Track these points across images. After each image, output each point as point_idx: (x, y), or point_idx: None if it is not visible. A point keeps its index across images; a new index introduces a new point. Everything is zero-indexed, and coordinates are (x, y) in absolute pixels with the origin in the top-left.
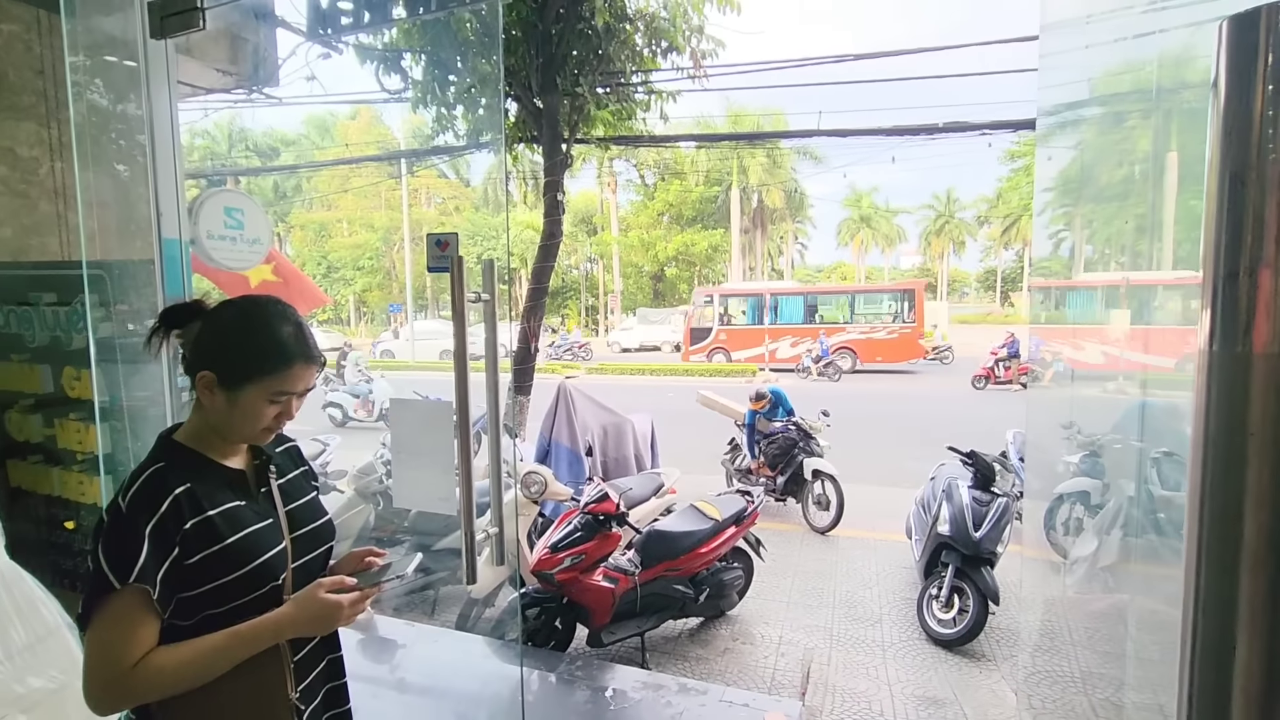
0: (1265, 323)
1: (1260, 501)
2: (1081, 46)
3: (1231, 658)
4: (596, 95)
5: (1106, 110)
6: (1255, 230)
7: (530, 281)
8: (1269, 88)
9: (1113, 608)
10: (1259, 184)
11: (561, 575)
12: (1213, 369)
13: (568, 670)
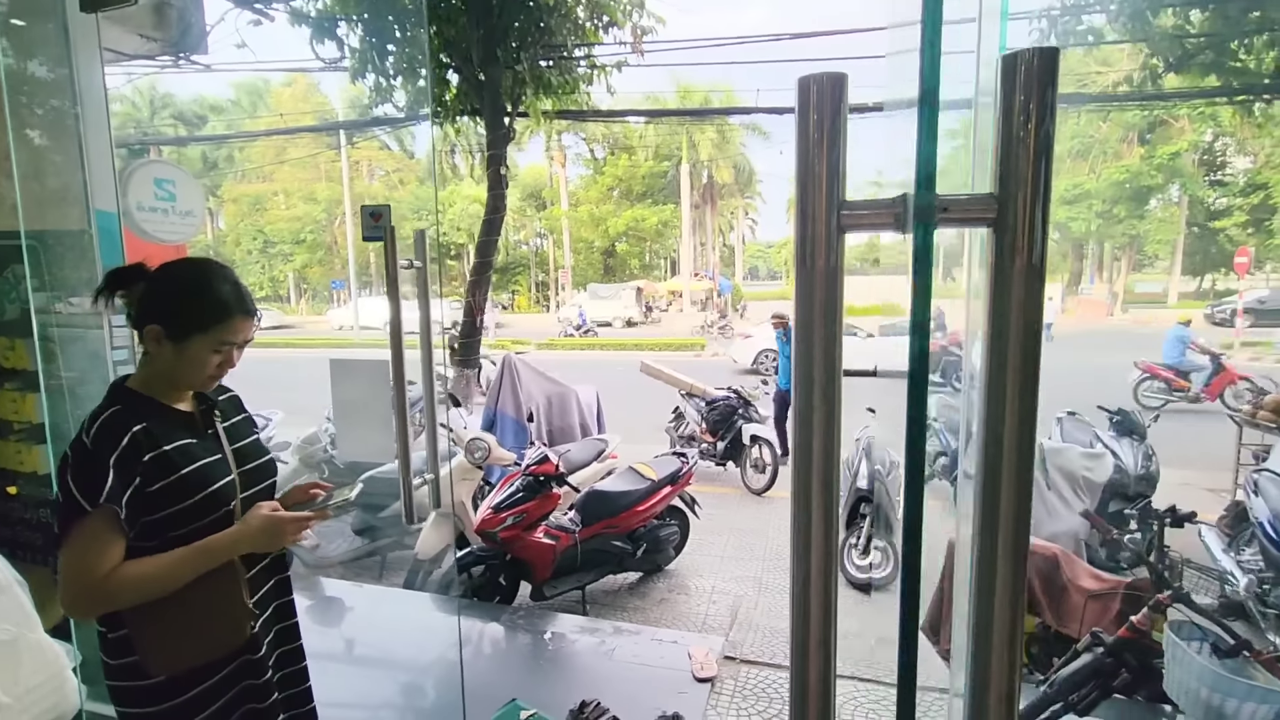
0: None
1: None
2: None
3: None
4: (538, 68)
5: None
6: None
7: (475, 256)
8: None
9: None
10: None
11: (504, 533)
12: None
13: (510, 620)
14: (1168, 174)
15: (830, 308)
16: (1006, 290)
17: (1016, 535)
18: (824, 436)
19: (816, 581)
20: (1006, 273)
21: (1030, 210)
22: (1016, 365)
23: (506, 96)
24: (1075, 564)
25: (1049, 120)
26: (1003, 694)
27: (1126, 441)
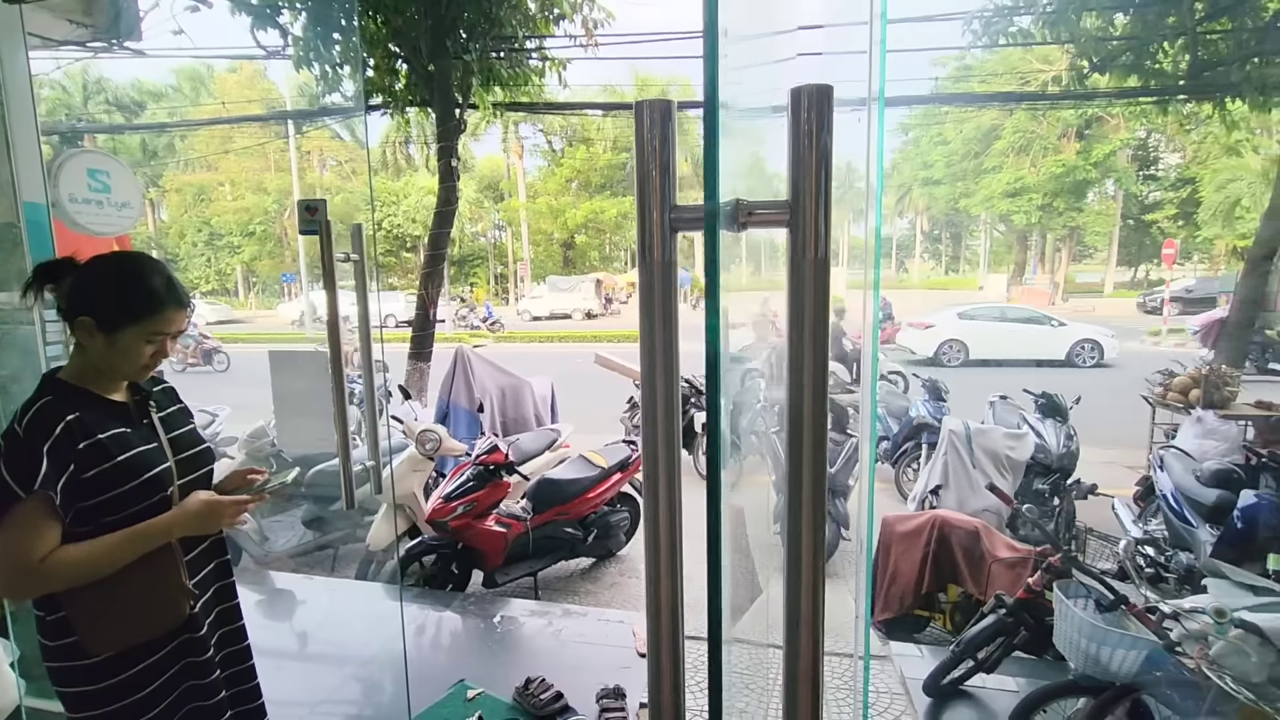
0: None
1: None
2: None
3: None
4: (488, 60)
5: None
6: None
7: (427, 248)
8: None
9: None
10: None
11: (455, 522)
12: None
13: (462, 607)
14: (1103, 169)
15: (666, 297)
16: (800, 280)
17: (815, 491)
18: (666, 424)
19: (665, 558)
20: (800, 265)
21: (816, 213)
22: (810, 342)
23: (457, 88)
24: (994, 536)
25: (826, 139)
26: (811, 633)
27: (1050, 423)
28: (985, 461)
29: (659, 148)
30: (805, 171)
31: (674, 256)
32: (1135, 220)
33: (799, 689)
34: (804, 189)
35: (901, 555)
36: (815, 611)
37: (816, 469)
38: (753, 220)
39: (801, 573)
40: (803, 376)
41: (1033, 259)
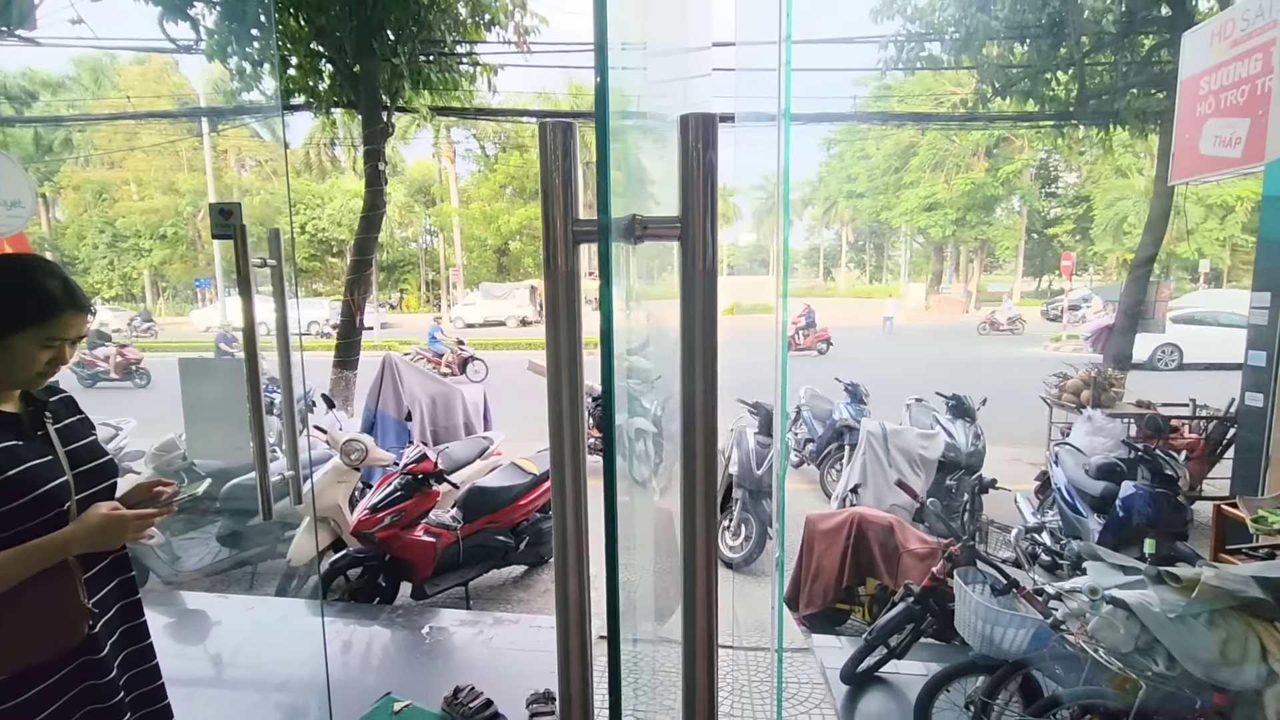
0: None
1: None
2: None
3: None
4: (417, 63)
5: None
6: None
7: (353, 253)
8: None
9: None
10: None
11: (382, 533)
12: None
13: (389, 620)
14: (1009, 187)
15: (570, 304)
16: (691, 289)
17: (707, 491)
18: (571, 425)
19: (572, 557)
20: (691, 276)
21: (704, 227)
22: (701, 348)
23: (384, 90)
24: (907, 530)
25: (712, 159)
26: (705, 633)
27: (960, 423)
28: (900, 460)
29: (561, 164)
30: (694, 189)
31: (577, 267)
32: (1039, 234)
33: (696, 682)
34: (693, 205)
35: (824, 552)
36: (709, 609)
37: (708, 469)
38: (647, 234)
39: (696, 573)
40: (694, 381)
41: (948, 269)
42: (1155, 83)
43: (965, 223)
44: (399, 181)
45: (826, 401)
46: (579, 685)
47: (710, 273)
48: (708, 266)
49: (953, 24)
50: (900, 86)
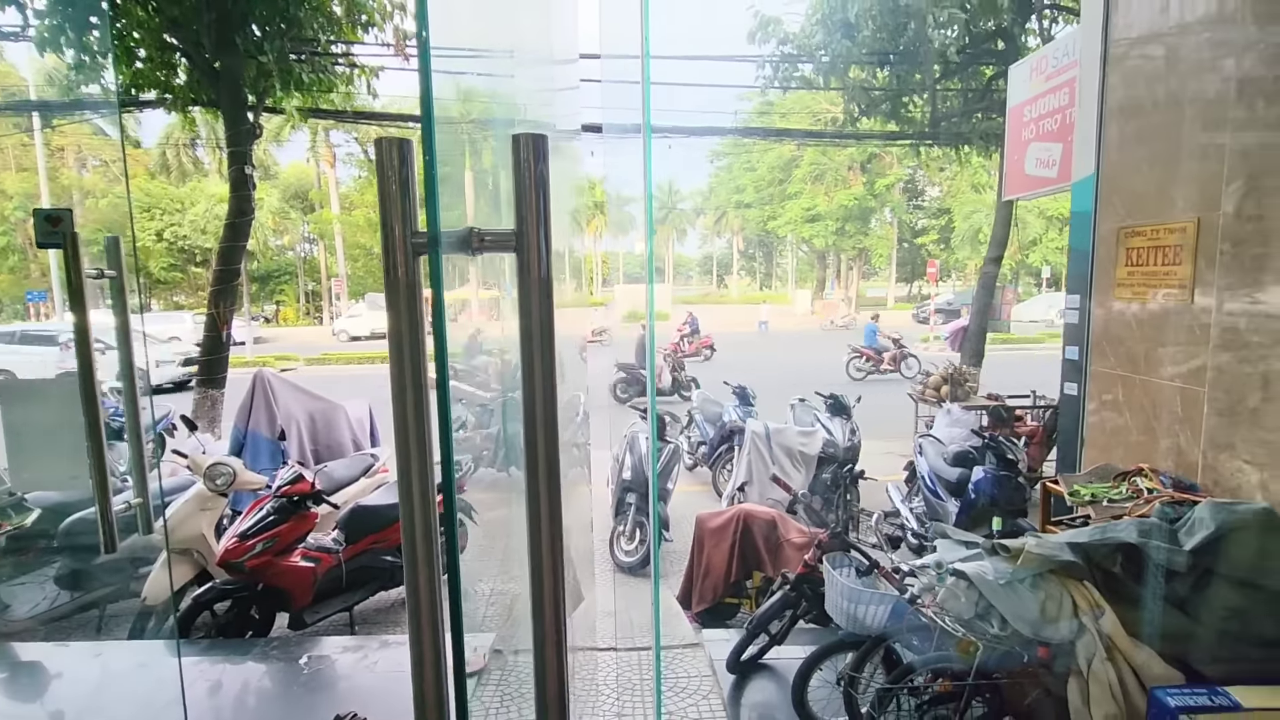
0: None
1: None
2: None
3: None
4: (287, 62)
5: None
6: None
7: (217, 263)
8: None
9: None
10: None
11: (253, 562)
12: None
13: (263, 653)
14: (882, 200)
15: (412, 315)
16: (529, 298)
17: (551, 497)
18: (418, 438)
19: (423, 577)
20: (527, 285)
21: (538, 239)
22: (539, 354)
23: (249, 89)
24: (788, 523)
25: (543, 174)
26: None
27: (838, 420)
28: (782, 457)
29: (398, 177)
30: (527, 203)
31: (418, 278)
32: (909, 243)
33: (547, 685)
34: (527, 218)
35: (713, 550)
36: (557, 611)
37: (551, 475)
38: (484, 246)
39: (543, 577)
40: (534, 388)
41: (830, 276)
42: (996, 108)
43: (845, 233)
44: (272, 186)
45: (717, 404)
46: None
47: (545, 281)
48: (542, 275)
49: (821, 48)
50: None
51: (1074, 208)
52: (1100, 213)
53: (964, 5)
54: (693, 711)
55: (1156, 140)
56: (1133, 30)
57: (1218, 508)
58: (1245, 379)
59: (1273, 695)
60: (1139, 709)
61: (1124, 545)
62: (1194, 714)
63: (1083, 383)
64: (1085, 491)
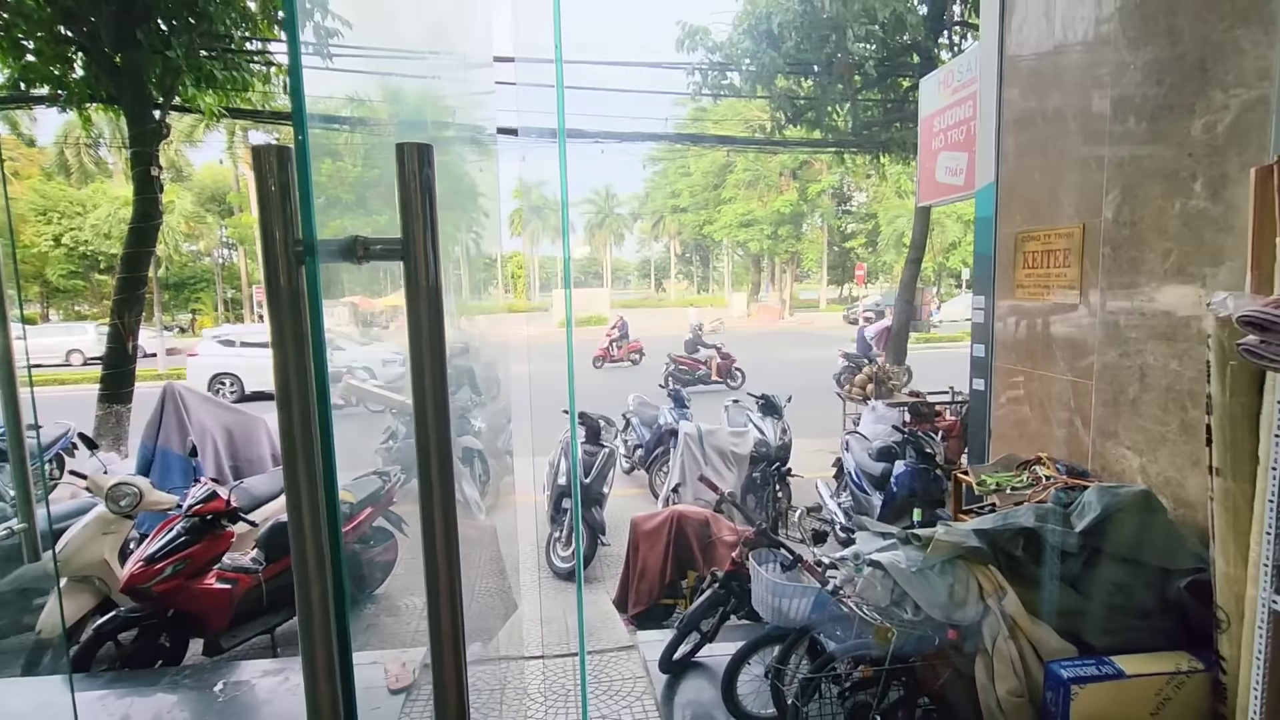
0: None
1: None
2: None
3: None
4: (197, 58)
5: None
6: None
7: (122, 270)
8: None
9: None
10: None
11: (161, 586)
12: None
13: (173, 683)
14: (813, 205)
15: (297, 325)
16: (417, 306)
17: (444, 503)
18: (305, 449)
19: (316, 591)
20: (415, 294)
21: (425, 247)
22: (429, 359)
23: (155, 86)
24: (720, 522)
25: (429, 183)
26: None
27: (769, 420)
28: (715, 458)
29: (278, 184)
30: (413, 213)
31: (302, 286)
32: (838, 247)
33: (446, 695)
34: (414, 227)
35: (648, 552)
36: (455, 618)
37: (444, 481)
38: (370, 254)
39: (439, 588)
40: (425, 397)
41: (765, 279)
42: (912, 118)
43: (778, 237)
44: (185, 189)
45: (653, 407)
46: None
47: (434, 289)
48: (431, 284)
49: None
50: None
51: (978, 213)
52: (1000, 218)
53: (880, 21)
54: (626, 714)
55: (1047, 151)
56: (1024, 49)
57: (1103, 491)
58: (1126, 372)
59: (1151, 661)
60: (1038, 682)
61: (1024, 530)
62: (1083, 683)
63: (989, 378)
64: (991, 481)
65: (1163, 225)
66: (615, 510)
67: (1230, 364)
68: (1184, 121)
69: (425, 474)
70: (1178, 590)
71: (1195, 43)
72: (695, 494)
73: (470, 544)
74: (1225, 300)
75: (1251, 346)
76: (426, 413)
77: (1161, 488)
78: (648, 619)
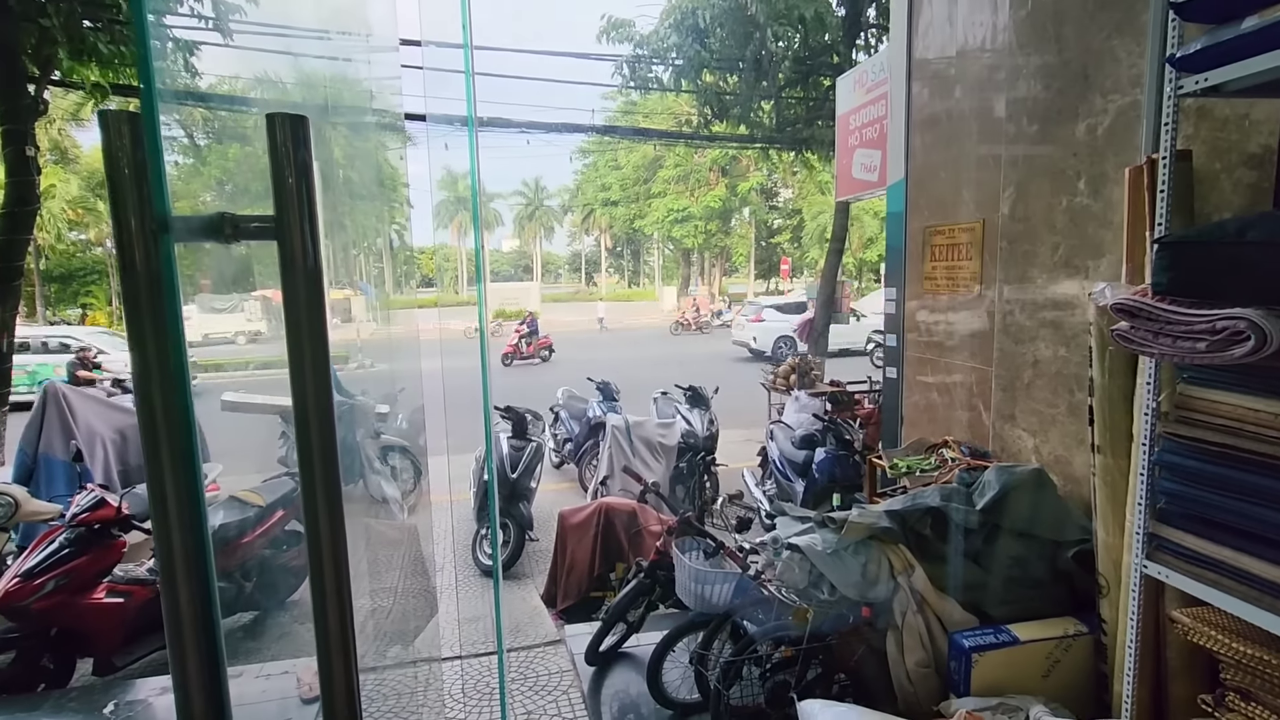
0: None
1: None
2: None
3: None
4: (79, 29)
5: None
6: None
7: None
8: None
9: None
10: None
11: (42, 604)
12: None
13: (56, 707)
14: (742, 201)
15: (155, 309)
16: (295, 289)
17: (330, 500)
18: (170, 446)
19: (184, 595)
20: (292, 276)
21: (302, 227)
22: (310, 354)
23: (31, 58)
24: (647, 513)
25: (304, 159)
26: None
27: (697, 411)
28: (643, 449)
29: (131, 156)
30: (287, 190)
31: (159, 267)
32: (766, 242)
33: (335, 702)
34: (288, 205)
35: (576, 545)
36: (343, 619)
37: (329, 476)
38: (240, 233)
39: (325, 592)
40: (305, 385)
41: (695, 274)
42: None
43: (708, 232)
44: (71, 173)
45: (581, 401)
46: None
47: (314, 273)
48: (309, 267)
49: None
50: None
51: (889, 209)
52: (910, 213)
53: (800, 21)
54: (552, 708)
55: (950, 149)
56: (929, 52)
57: (1001, 470)
58: (1020, 358)
59: (1042, 628)
60: (943, 651)
61: (931, 509)
62: (983, 651)
63: (900, 367)
64: (902, 464)
65: (1052, 220)
66: (544, 505)
67: (1109, 349)
68: (1069, 124)
69: (308, 474)
70: (1066, 560)
71: (1079, 50)
72: (623, 486)
73: (391, 545)
74: (1104, 290)
75: (1123, 332)
76: (308, 408)
77: (1052, 466)
78: (577, 613)
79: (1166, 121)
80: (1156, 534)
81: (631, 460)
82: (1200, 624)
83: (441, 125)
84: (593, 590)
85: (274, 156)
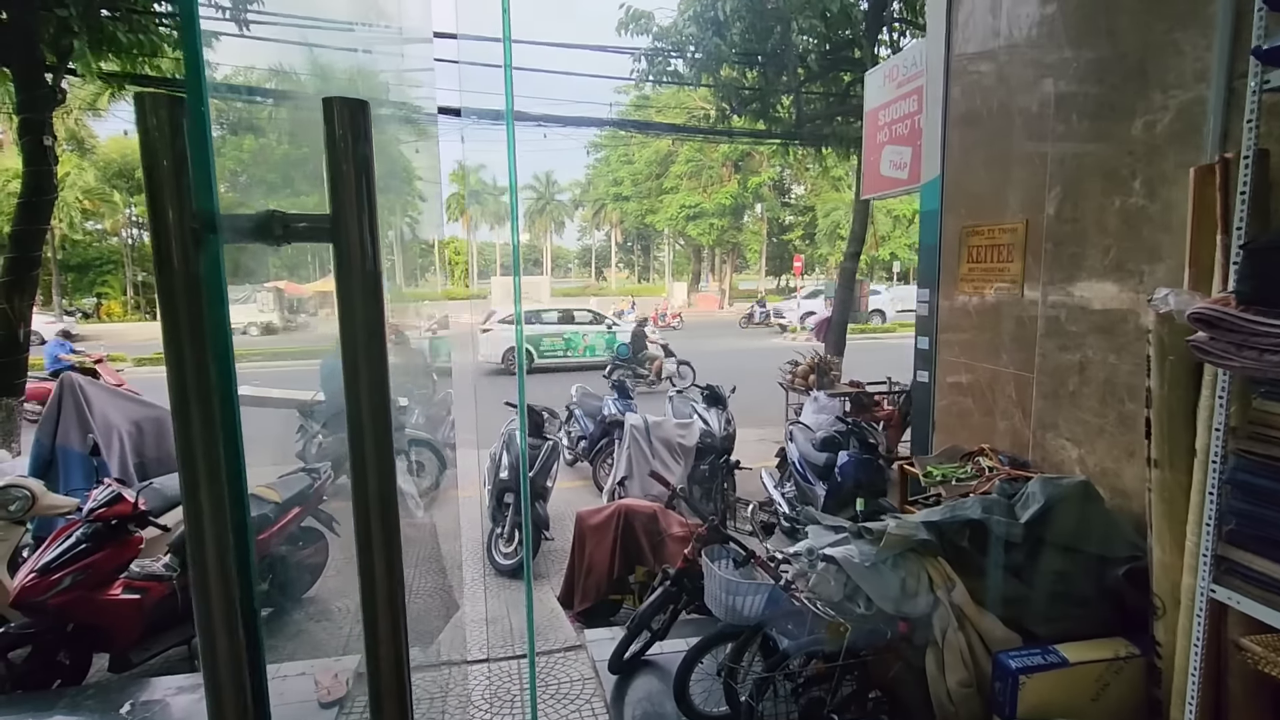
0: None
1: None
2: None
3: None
4: (97, 18)
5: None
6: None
7: (10, 250)
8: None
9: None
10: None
11: (58, 599)
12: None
13: (72, 704)
14: (755, 197)
15: (192, 312)
16: (350, 294)
17: (384, 504)
18: (205, 449)
19: (214, 583)
20: (348, 280)
21: (361, 226)
22: (365, 351)
23: (49, 47)
24: (669, 516)
25: (364, 151)
26: (392, 649)
27: (714, 411)
28: (662, 450)
29: (170, 145)
30: (345, 184)
31: (199, 268)
32: (777, 239)
33: (384, 703)
34: (346, 202)
35: (595, 547)
36: (395, 624)
37: (384, 481)
38: (291, 234)
39: (376, 582)
40: (359, 392)
41: (705, 270)
42: (852, 112)
43: (719, 228)
44: (89, 162)
45: (596, 399)
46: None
47: (372, 275)
48: (368, 269)
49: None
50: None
51: (923, 207)
52: (945, 213)
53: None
54: (574, 717)
55: (991, 147)
56: (970, 46)
57: (1046, 482)
58: (1065, 365)
59: (1092, 649)
60: (985, 672)
61: (970, 521)
62: (1031, 672)
63: (932, 370)
64: (937, 472)
65: (1103, 222)
66: (558, 504)
67: (1169, 358)
68: (1124, 121)
69: (360, 486)
70: (1115, 578)
71: (1136, 43)
72: (643, 488)
73: (408, 542)
74: (1166, 296)
75: (1201, 343)
76: (363, 417)
77: (1098, 478)
78: (593, 615)
79: (1250, 118)
80: (1225, 556)
81: (651, 461)
82: (1272, 652)
83: (453, 119)
84: (611, 593)
85: (330, 147)
